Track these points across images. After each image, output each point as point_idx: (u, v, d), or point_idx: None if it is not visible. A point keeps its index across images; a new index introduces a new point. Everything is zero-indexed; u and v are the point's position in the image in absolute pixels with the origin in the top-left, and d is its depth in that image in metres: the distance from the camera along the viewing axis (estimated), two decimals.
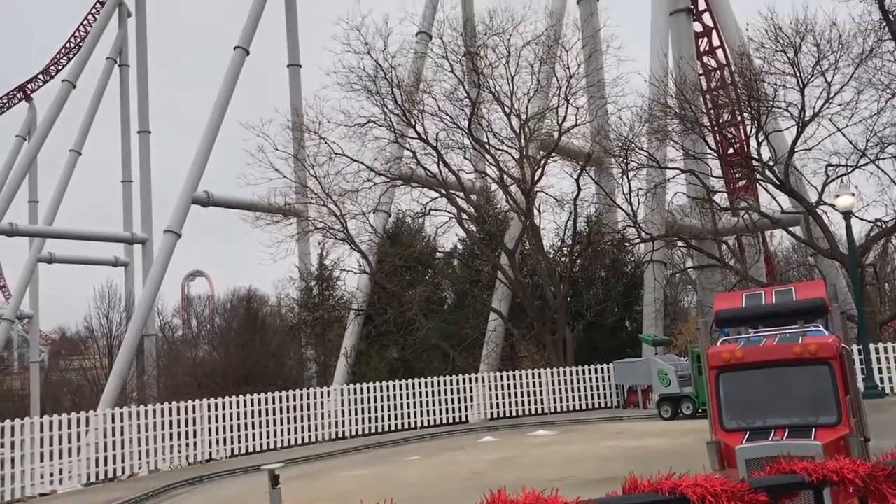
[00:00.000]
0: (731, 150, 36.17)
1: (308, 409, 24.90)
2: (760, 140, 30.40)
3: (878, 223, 30.24)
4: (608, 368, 28.72)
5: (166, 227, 39.95)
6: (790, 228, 33.34)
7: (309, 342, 42.94)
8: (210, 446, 22.33)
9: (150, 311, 42.94)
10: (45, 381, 61.90)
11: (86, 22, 66.29)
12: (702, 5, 44.46)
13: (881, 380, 24.02)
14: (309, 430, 24.72)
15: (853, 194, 25.27)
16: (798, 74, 28.02)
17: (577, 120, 32.49)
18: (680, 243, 35.64)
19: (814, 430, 8.19)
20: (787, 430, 8.32)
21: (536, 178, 31.95)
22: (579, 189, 32.95)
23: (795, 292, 10.50)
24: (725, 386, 8.88)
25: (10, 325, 60.20)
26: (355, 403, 25.88)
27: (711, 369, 8.95)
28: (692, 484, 2.30)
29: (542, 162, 32.37)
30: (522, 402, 27.83)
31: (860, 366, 22.87)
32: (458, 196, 33.01)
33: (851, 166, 29.27)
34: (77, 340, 70.24)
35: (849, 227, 24.73)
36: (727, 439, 8.47)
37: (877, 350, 24.35)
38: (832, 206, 26.75)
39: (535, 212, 32.90)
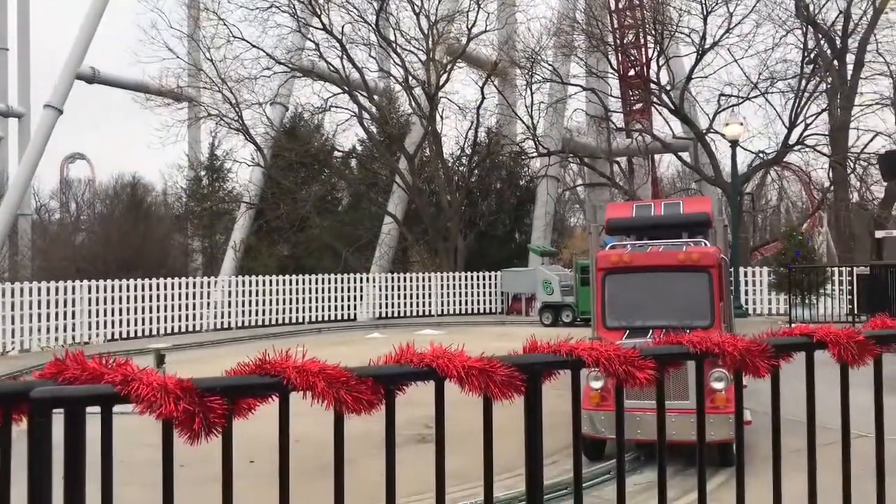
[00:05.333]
0: (632, 72, 36.83)
1: (193, 298, 24.53)
2: (661, 64, 31.10)
3: (761, 154, 31.80)
4: (496, 276, 29.50)
5: (46, 101, 37.42)
6: (679, 154, 34.59)
7: (196, 233, 41.88)
8: (89, 329, 21.76)
9: (27, 191, 40.56)
10: None
11: None
12: None
13: (745, 301, 25.77)
14: (193, 319, 24.45)
15: (741, 124, 26.38)
16: (703, 1, 28.59)
17: (486, 26, 32.19)
18: (574, 160, 36.42)
19: (689, 332, 8.74)
20: (664, 331, 8.84)
21: (441, 82, 31.63)
22: (483, 97, 32.93)
23: (683, 206, 11.02)
24: (611, 287, 9.34)
25: None
26: (243, 295, 25.65)
27: (599, 271, 9.36)
28: (588, 348, 2.47)
29: (449, 67, 32.01)
30: (411, 303, 28.39)
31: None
32: (361, 94, 32.34)
33: (742, 97, 30.47)
34: None
35: (734, 156, 25.91)
36: (608, 336, 8.92)
37: (745, 273, 26.04)
38: (721, 134, 27.88)
39: (438, 117, 32.71)
